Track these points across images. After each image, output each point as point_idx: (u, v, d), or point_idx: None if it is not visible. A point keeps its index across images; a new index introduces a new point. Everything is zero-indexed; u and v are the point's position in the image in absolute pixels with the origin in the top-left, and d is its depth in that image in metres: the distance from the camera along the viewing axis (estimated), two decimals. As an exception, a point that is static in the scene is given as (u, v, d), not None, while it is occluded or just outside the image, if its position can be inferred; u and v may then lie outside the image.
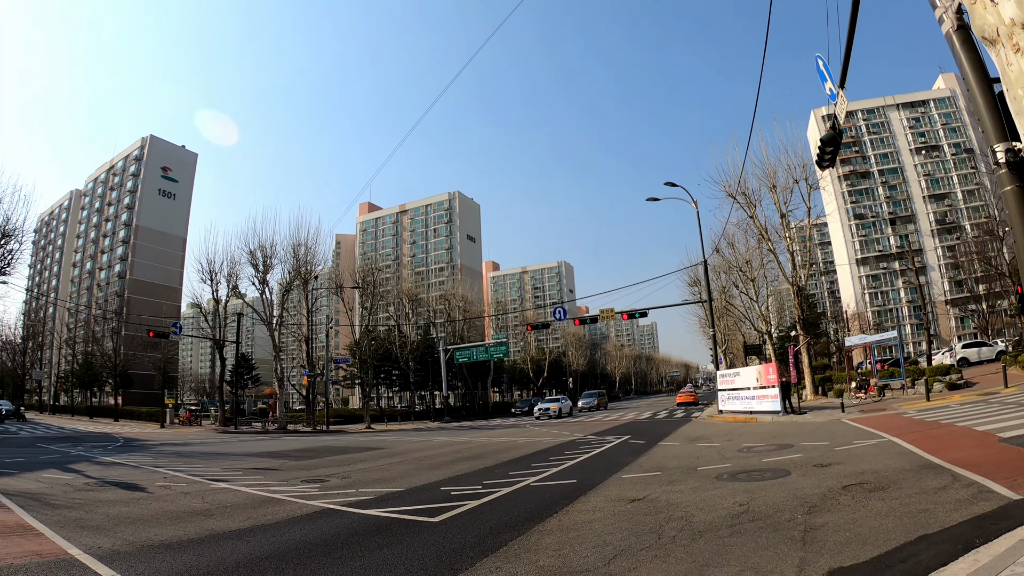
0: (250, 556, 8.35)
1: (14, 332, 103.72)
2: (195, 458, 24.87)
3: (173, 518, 11.35)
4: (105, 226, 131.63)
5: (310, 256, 58.24)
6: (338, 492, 14.26)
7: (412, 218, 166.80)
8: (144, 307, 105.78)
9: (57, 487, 15.69)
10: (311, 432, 50.34)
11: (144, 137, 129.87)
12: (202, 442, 37.11)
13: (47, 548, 8.83)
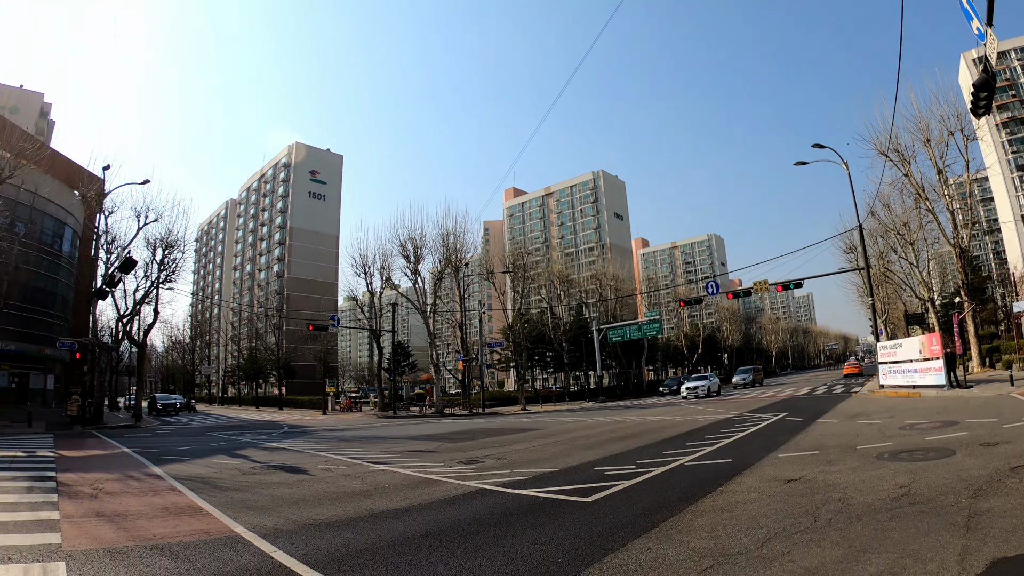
0: (406, 534, 8.60)
1: (183, 332, 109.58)
2: (355, 442, 25.50)
3: (333, 498, 11.83)
4: (261, 230, 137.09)
5: (459, 244, 58.39)
6: (493, 473, 14.38)
7: (558, 200, 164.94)
8: (303, 303, 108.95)
9: (225, 471, 16.59)
10: (467, 415, 50.15)
11: (291, 144, 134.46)
12: (362, 427, 37.53)
13: (214, 527, 9.42)
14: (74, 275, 58.57)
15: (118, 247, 44.90)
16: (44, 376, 56.70)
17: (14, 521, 10.03)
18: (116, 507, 11.32)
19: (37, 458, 19.65)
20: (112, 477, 15.48)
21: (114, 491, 13.27)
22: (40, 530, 9.33)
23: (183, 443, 26.63)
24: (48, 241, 55.87)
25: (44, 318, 54.87)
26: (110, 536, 8.94)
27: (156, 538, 8.76)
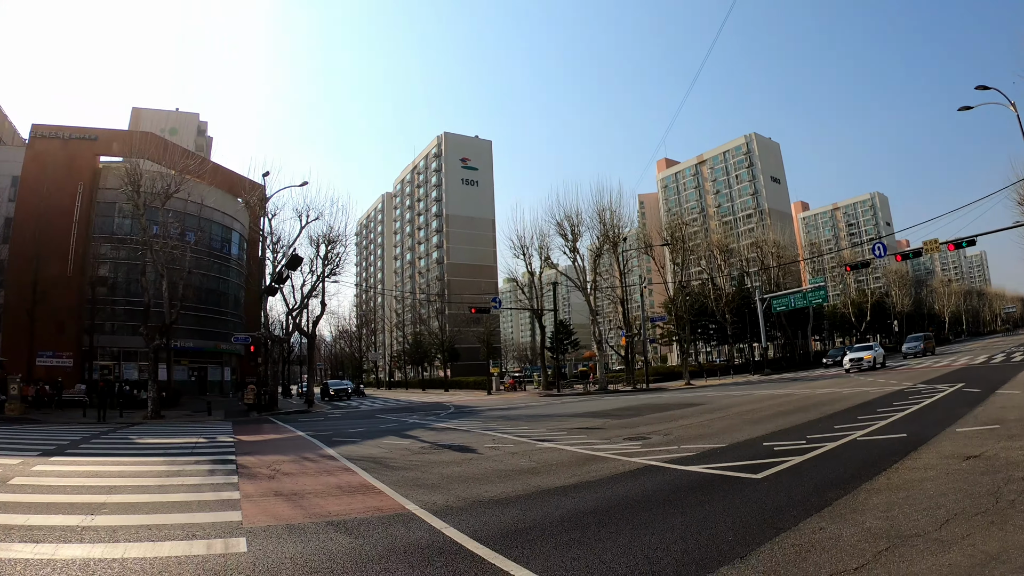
0: (574, 511, 8.60)
1: (349, 322, 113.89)
2: (521, 421, 25.58)
3: (502, 476, 11.97)
4: (417, 220, 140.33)
5: (616, 219, 57.23)
6: (659, 449, 14.23)
7: (711, 167, 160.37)
8: (463, 287, 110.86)
9: (395, 451, 17.05)
10: (631, 391, 49.42)
11: (439, 135, 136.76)
12: (526, 406, 37.58)
13: (387, 504, 9.79)
14: (244, 275, 62.27)
15: (283, 246, 46.86)
16: (221, 369, 60.63)
17: (198, 501, 10.55)
18: (293, 486, 11.79)
19: (217, 443, 20.67)
20: (288, 459, 16.07)
21: (290, 472, 13.79)
22: (222, 509, 9.77)
23: (354, 426, 27.37)
24: (217, 246, 59.78)
25: (218, 316, 58.66)
26: (287, 513, 9.33)
27: (331, 515, 9.07)
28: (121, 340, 52.99)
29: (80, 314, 50.14)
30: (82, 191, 52.55)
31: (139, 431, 26.21)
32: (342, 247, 49.84)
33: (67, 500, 10.61)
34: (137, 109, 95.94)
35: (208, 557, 7.07)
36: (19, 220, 51.53)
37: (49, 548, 7.48)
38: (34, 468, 14.44)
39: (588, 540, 7.10)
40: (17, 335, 48.26)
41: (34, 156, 53.13)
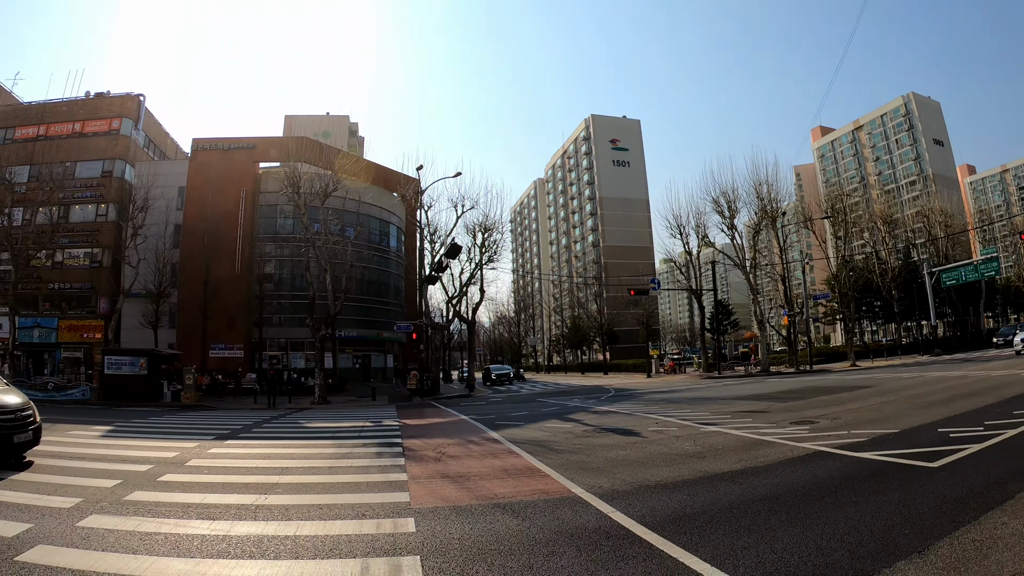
0: (743, 498, 8.33)
1: (507, 307, 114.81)
2: (683, 404, 24.87)
3: (667, 460, 11.62)
4: (571, 204, 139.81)
5: (773, 193, 54.82)
6: (828, 434, 13.65)
7: (869, 133, 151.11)
8: (620, 269, 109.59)
9: (559, 435, 16.82)
10: (794, 372, 47.57)
11: (586, 118, 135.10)
12: (687, 388, 36.75)
13: (552, 487, 9.70)
14: (403, 266, 63.90)
15: (440, 236, 47.82)
16: (383, 356, 62.42)
17: (367, 482, 10.71)
18: (459, 469, 11.83)
19: (383, 427, 21.02)
20: (453, 442, 16.11)
21: (456, 454, 13.83)
22: (390, 490, 9.92)
23: (515, 409, 27.34)
24: (376, 239, 61.52)
25: (380, 306, 60.36)
26: (454, 495, 9.41)
27: (497, 497, 9.08)
28: (288, 331, 55.37)
29: (249, 309, 52.75)
30: (244, 196, 55.09)
31: (307, 416, 27.14)
32: (498, 234, 50.42)
33: (241, 480, 11.00)
34: (290, 117, 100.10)
35: (378, 536, 7.20)
36: (187, 226, 54.88)
37: (225, 525, 7.79)
38: (210, 451, 15.08)
39: (758, 528, 6.84)
40: (191, 330, 51.52)
41: (197, 167, 56.40)
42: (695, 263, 60.91)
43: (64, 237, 53.83)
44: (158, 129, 69.82)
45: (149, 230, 49.06)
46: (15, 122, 60.57)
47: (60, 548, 6.83)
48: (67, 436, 17.93)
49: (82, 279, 55.78)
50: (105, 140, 58.54)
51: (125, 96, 61.62)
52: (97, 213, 56.94)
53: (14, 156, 56.99)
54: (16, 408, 12.54)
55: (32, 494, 9.66)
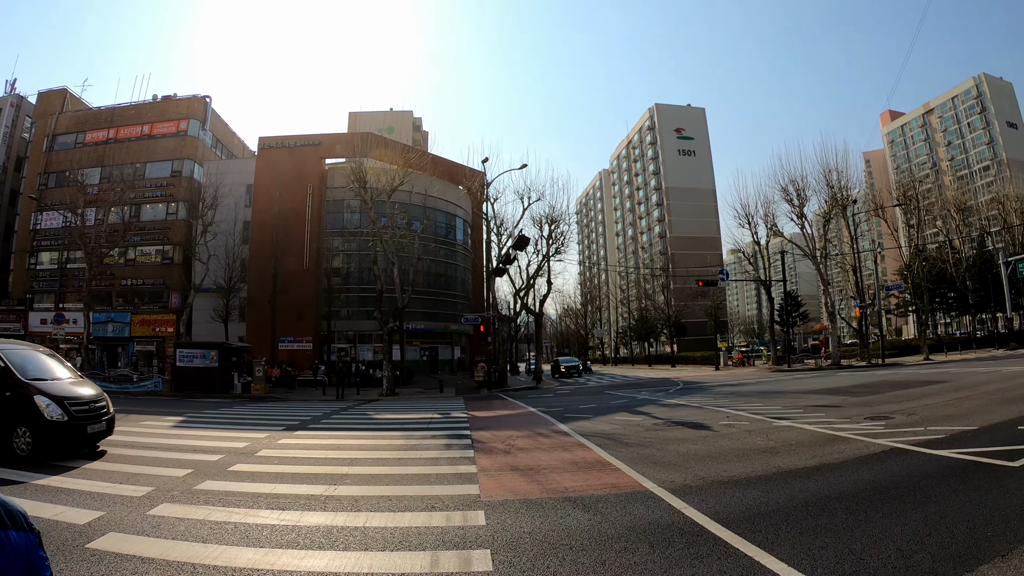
0: (818, 495, 8.12)
1: (574, 299, 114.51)
2: (753, 397, 24.58)
3: (739, 455, 11.39)
4: (636, 194, 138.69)
5: (843, 181, 52.92)
6: (904, 430, 13.19)
7: (940, 116, 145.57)
8: (687, 260, 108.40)
9: (629, 428, 16.54)
10: (865, 366, 46.23)
11: (650, 107, 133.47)
12: (757, 381, 36.15)
13: (623, 481, 9.59)
14: (470, 259, 64.12)
15: (507, 229, 47.80)
16: (451, 348, 62.84)
17: (436, 474, 10.71)
18: (528, 461, 11.71)
19: (452, 419, 20.95)
20: (522, 434, 15.95)
21: (525, 447, 13.69)
22: (459, 482, 9.90)
23: (584, 402, 27.10)
24: (443, 233, 61.95)
25: (447, 299, 60.77)
26: (524, 488, 9.31)
27: (568, 491, 8.95)
28: (356, 324, 56.04)
29: (317, 302, 53.69)
30: (311, 191, 56.01)
31: (376, 407, 27.26)
32: (565, 225, 50.10)
33: (311, 471, 11.05)
34: (354, 113, 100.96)
35: (447, 528, 7.15)
36: (256, 222, 56.23)
37: (294, 515, 7.86)
38: (280, 441, 15.20)
39: (835, 528, 6.62)
40: (260, 323, 52.48)
41: (264, 165, 57.62)
42: (764, 253, 59.51)
43: (136, 235, 55.66)
44: (225, 129, 71.47)
45: (218, 227, 50.16)
46: (86, 126, 62.86)
47: (131, 536, 6.95)
48: (140, 426, 18.32)
49: (154, 275, 57.55)
50: (173, 141, 60.34)
51: (192, 98, 63.29)
52: (167, 212, 58.81)
53: (86, 159, 59.44)
54: (90, 399, 12.88)
55: (105, 482, 9.86)
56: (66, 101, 65.41)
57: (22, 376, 12.24)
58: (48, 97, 65.80)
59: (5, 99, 68.33)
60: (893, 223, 66.96)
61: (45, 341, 41.01)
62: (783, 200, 53.52)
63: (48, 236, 59.28)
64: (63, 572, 5.78)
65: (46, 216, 58.78)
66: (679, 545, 6.23)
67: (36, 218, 59.91)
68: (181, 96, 64.16)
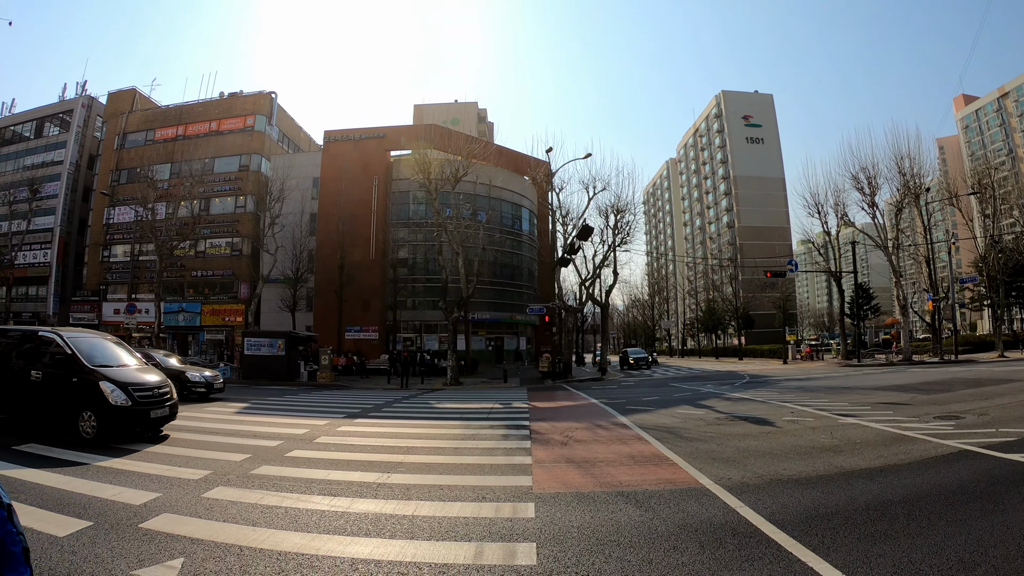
0: (881, 498, 7.78)
1: (641, 290, 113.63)
2: (820, 392, 23.94)
3: (801, 453, 11.11)
4: (704, 184, 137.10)
5: (916, 167, 51.25)
6: (975, 431, 12.66)
7: (1016, 100, 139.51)
8: (756, 250, 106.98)
9: (689, 421, 16.19)
10: (938, 362, 44.99)
11: (717, 94, 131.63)
12: (825, 376, 35.46)
13: (679, 477, 9.40)
14: (535, 249, 64.05)
15: (572, 218, 47.86)
16: (516, 338, 63.02)
17: (490, 464, 10.68)
18: (584, 454, 11.60)
19: (512, 409, 20.92)
20: (581, 426, 15.81)
21: (583, 439, 13.54)
22: (513, 473, 9.86)
23: (647, 394, 26.82)
24: (508, 223, 62.02)
25: (513, 289, 60.88)
26: (578, 481, 9.21)
27: (622, 485, 8.86)
28: (422, 314, 56.50)
29: (383, 292, 54.27)
30: (377, 183, 56.61)
31: (438, 397, 27.42)
32: (631, 215, 49.69)
33: (366, 458, 11.14)
34: (419, 106, 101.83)
35: (495, 520, 7.13)
36: (323, 214, 57.20)
37: (345, 502, 7.94)
38: (339, 429, 15.35)
39: (896, 534, 6.33)
40: (327, 313, 53.40)
41: (330, 159, 58.50)
42: (834, 243, 58.41)
43: (205, 228, 57.48)
44: (291, 124, 72.92)
45: (286, 219, 51.31)
46: (155, 124, 65.12)
47: (183, 517, 7.12)
48: (204, 412, 18.73)
49: (223, 267, 59.12)
50: (240, 136, 61.93)
51: (257, 94, 64.79)
52: (236, 205, 60.41)
53: (156, 156, 61.65)
54: (154, 385, 13.31)
55: (164, 465, 10.13)
56: (135, 101, 67.81)
57: (88, 363, 12.70)
58: (118, 97, 68.32)
59: (76, 100, 71.09)
60: (968, 212, 64.63)
61: (118, 330, 42.50)
62: (854, 188, 52.34)
63: (120, 230, 61.61)
64: (115, 549, 5.93)
65: (118, 211, 61.09)
66: (730, 546, 6.09)
67: (109, 213, 62.28)
68: (247, 93, 65.79)
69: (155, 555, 5.80)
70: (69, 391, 12.36)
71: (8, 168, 70.00)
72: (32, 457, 10.62)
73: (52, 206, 66.01)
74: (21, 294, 65.85)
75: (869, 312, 74.71)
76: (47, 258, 66.06)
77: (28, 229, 63.39)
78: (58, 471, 9.49)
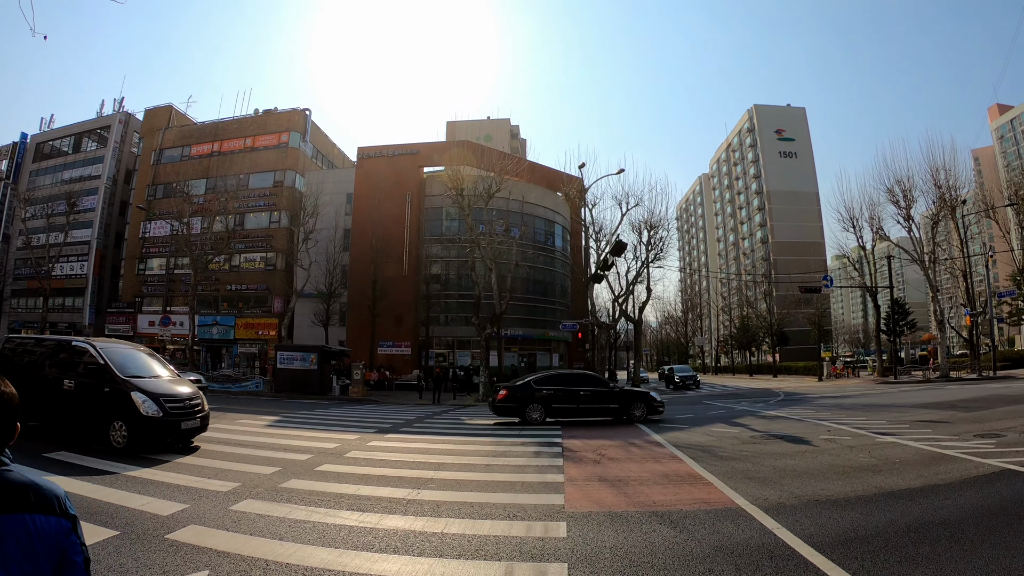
0: (922, 520, 7.61)
1: (674, 307, 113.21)
2: (856, 410, 23.89)
3: (839, 472, 10.93)
4: (737, 199, 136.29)
5: (952, 180, 50.44)
6: (1016, 449, 12.61)
7: None
8: (790, 266, 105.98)
9: (724, 440, 16.17)
10: (976, 379, 44.21)
11: (749, 109, 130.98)
12: (861, 394, 35.11)
13: (714, 497, 9.27)
14: (568, 265, 63.96)
15: (605, 235, 47.87)
16: (549, 355, 62.64)
17: (522, 482, 10.58)
18: (618, 472, 11.47)
19: (544, 425, 20.62)
20: (614, 444, 15.64)
21: (616, 457, 13.42)
22: (545, 491, 9.71)
23: (681, 411, 26.59)
24: (541, 239, 62.05)
25: (546, 305, 60.78)
26: (610, 500, 9.13)
27: (655, 505, 8.75)
28: (455, 330, 56.51)
29: (416, 308, 54.35)
30: (410, 199, 56.82)
31: (470, 413, 27.37)
32: (664, 231, 49.66)
33: (396, 474, 11.10)
34: (451, 123, 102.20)
35: (526, 539, 7.01)
36: (356, 230, 57.53)
37: (374, 517, 7.90)
38: (369, 443, 15.33)
39: (938, 558, 6.14)
40: (360, 328, 53.70)
41: (364, 175, 58.94)
42: (869, 258, 57.58)
43: (240, 243, 58.09)
44: (325, 140, 73.56)
45: (320, 234, 51.58)
46: (191, 140, 66.17)
47: (210, 529, 7.15)
48: (235, 424, 18.84)
49: (257, 281, 59.61)
50: (275, 153, 62.64)
51: (292, 111, 65.51)
52: (270, 220, 60.90)
53: (191, 171, 62.65)
54: (185, 397, 13.40)
55: (193, 476, 10.18)
56: (172, 117, 68.91)
57: (121, 373, 12.87)
58: (155, 114, 69.40)
59: (113, 116, 72.29)
60: (1005, 225, 63.42)
61: (152, 342, 42.84)
62: (889, 201, 51.67)
63: (156, 243, 62.43)
64: (140, 560, 5.95)
65: (155, 225, 61.97)
66: (767, 569, 5.94)
67: (145, 227, 63.16)
68: (282, 110, 66.58)
69: (180, 567, 5.79)
70: (101, 401, 12.52)
71: (47, 182, 71.18)
72: (62, 465, 10.75)
73: (89, 219, 66.98)
74: (58, 304, 66.65)
75: (905, 328, 73.55)
76: (84, 270, 67.05)
77: (65, 241, 64.22)
78: (87, 479, 9.59)
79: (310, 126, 65.88)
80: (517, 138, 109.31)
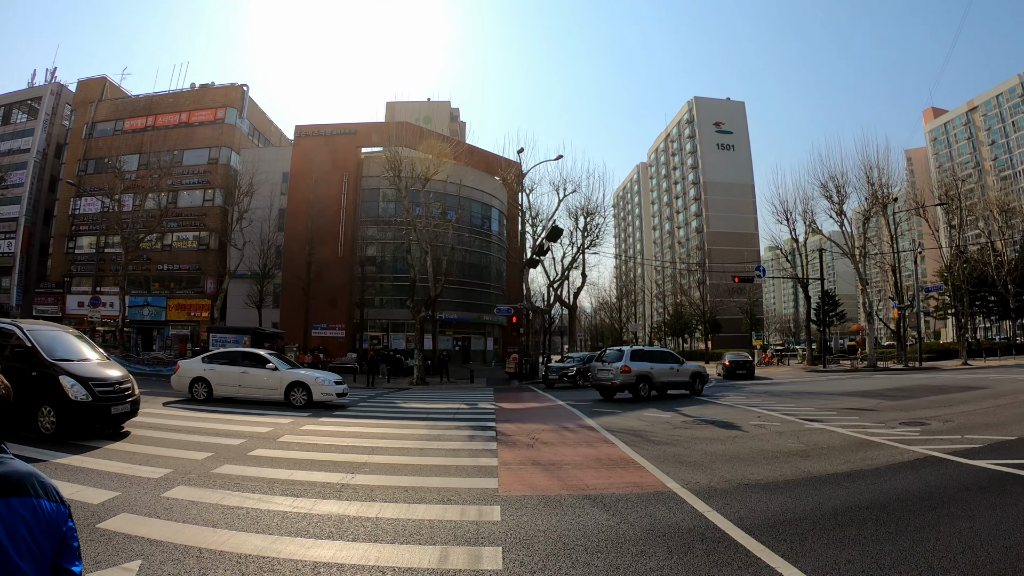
0: (848, 504, 7.87)
1: (609, 293, 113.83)
2: (786, 397, 24.43)
3: (768, 457, 11.24)
4: (674, 188, 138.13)
5: (884, 178, 52.17)
6: (940, 437, 13.04)
7: (983, 115, 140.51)
8: (724, 256, 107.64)
9: (657, 424, 16.34)
10: (902, 369, 45.81)
11: (689, 100, 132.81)
12: (791, 381, 36.03)
13: (646, 480, 9.44)
14: (505, 249, 64.13)
15: (542, 220, 48.13)
16: (484, 339, 63.07)
17: (456, 466, 10.65)
18: (551, 456, 11.57)
19: (479, 410, 20.91)
20: (547, 428, 15.82)
21: (549, 441, 13.56)
22: (479, 475, 9.81)
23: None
24: (478, 223, 62.24)
25: (481, 289, 60.99)
26: (544, 484, 9.20)
27: (589, 488, 8.84)
28: (389, 313, 56.42)
29: (351, 290, 54.20)
30: (347, 180, 56.48)
31: (404, 396, 27.42)
32: (600, 218, 50.28)
33: (330, 458, 11.03)
34: (391, 103, 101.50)
35: (460, 523, 7.09)
36: (291, 210, 56.80)
37: (307, 503, 7.85)
38: (303, 428, 15.16)
39: (864, 540, 6.37)
40: (294, 310, 53.21)
41: (301, 154, 58.28)
42: (802, 251, 59.08)
43: (173, 221, 56.75)
44: (262, 117, 72.25)
45: (254, 214, 50.69)
46: (124, 114, 64.04)
47: (142, 517, 7.00)
48: (167, 409, 18.44)
49: (190, 261, 58.36)
50: (211, 129, 61.15)
51: (229, 87, 64.09)
52: (204, 198, 59.64)
53: (124, 146, 60.55)
54: (115, 381, 13.06)
55: (124, 463, 9.96)
56: (105, 89, 66.51)
57: (48, 356, 12.43)
58: (88, 85, 66.93)
59: (45, 87, 69.63)
60: (934, 223, 65.45)
61: (82, 323, 41.73)
62: (822, 197, 53.18)
63: (86, 221, 60.37)
64: None
65: (85, 202, 59.94)
66: (699, 552, 6.07)
67: (75, 203, 61.05)
68: (219, 85, 65.10)
69: (112, 557, 5.68)
70: (28, 385, 11.93)
71: (-28, 155, 68.42)
72: (-15, 453, 10.44)
73: (18, 195, 64.37)
74: (-17, 285, 64.45)
75: (835, 319, 75.41)
76: (11, 248, 64.53)
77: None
78: (14, 468, 9.32)
79: (247, 102, 64.54)
80: (457, 121, 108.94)
